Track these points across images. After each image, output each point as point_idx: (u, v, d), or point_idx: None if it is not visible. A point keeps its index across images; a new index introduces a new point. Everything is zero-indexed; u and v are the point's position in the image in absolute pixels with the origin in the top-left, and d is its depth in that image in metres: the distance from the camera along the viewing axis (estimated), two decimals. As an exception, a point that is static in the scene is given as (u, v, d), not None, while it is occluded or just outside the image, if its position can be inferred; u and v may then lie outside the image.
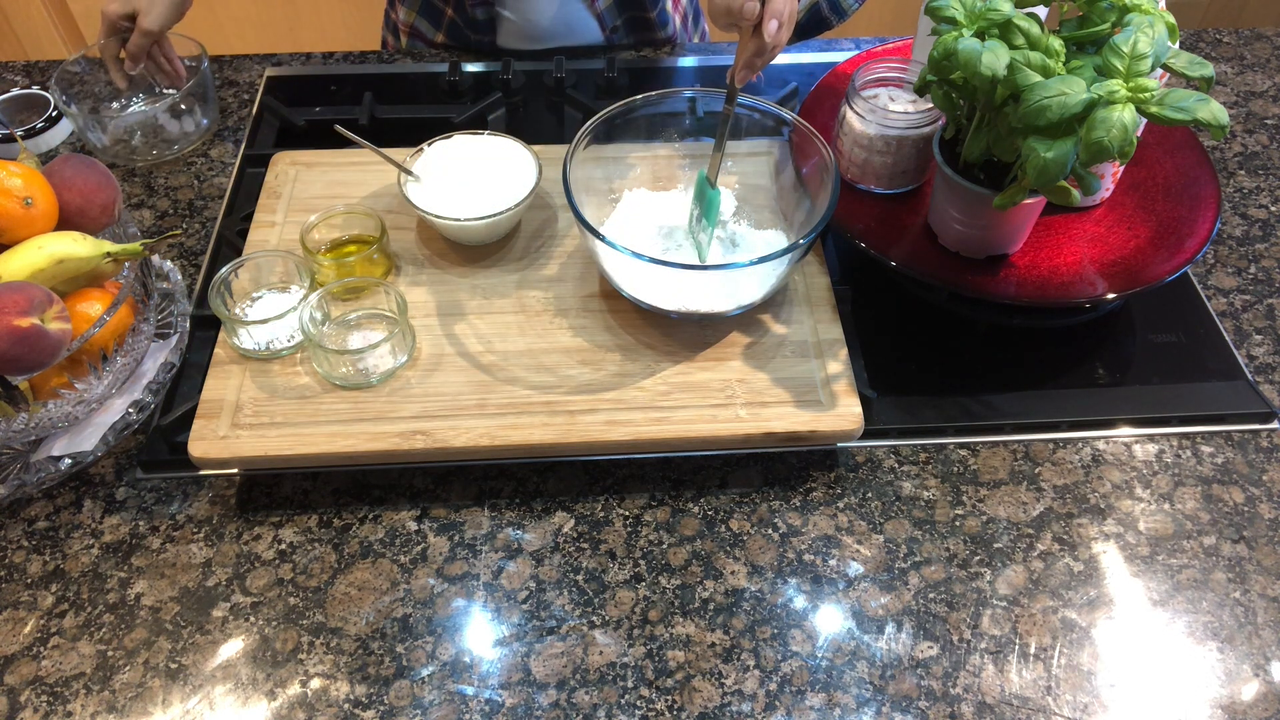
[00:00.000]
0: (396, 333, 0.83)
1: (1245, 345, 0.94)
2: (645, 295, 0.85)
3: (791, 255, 0.80)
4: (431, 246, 0.95)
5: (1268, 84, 1.25)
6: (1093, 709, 0.71)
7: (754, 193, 0.90)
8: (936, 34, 0.81)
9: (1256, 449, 0.87)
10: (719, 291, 0.84)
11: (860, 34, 1.93)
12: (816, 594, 0.77)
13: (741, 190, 0.96)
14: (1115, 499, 0.83)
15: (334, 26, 2.25)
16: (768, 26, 0.78)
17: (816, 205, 0.86)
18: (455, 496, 0.83)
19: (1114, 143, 0.70)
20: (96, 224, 0.85)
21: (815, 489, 0.84)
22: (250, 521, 0.81)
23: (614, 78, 1.18)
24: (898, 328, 0.94)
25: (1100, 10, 0.80)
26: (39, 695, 0.72)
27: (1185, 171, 0.98)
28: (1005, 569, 0.79)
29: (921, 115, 0.92)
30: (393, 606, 0.76)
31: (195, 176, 1.10)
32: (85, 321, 0.79)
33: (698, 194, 0.87)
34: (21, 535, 0.81)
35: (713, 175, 0.86)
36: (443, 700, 0.71)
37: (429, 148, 0.97)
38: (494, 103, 1.15)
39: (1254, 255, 1.03)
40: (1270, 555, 0.80)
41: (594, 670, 0.73)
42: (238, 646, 0.74)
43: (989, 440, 0.87)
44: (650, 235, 0.91)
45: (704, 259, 0.88)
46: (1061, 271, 0.90)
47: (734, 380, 0.84)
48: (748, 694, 0.72)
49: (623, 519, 0.81)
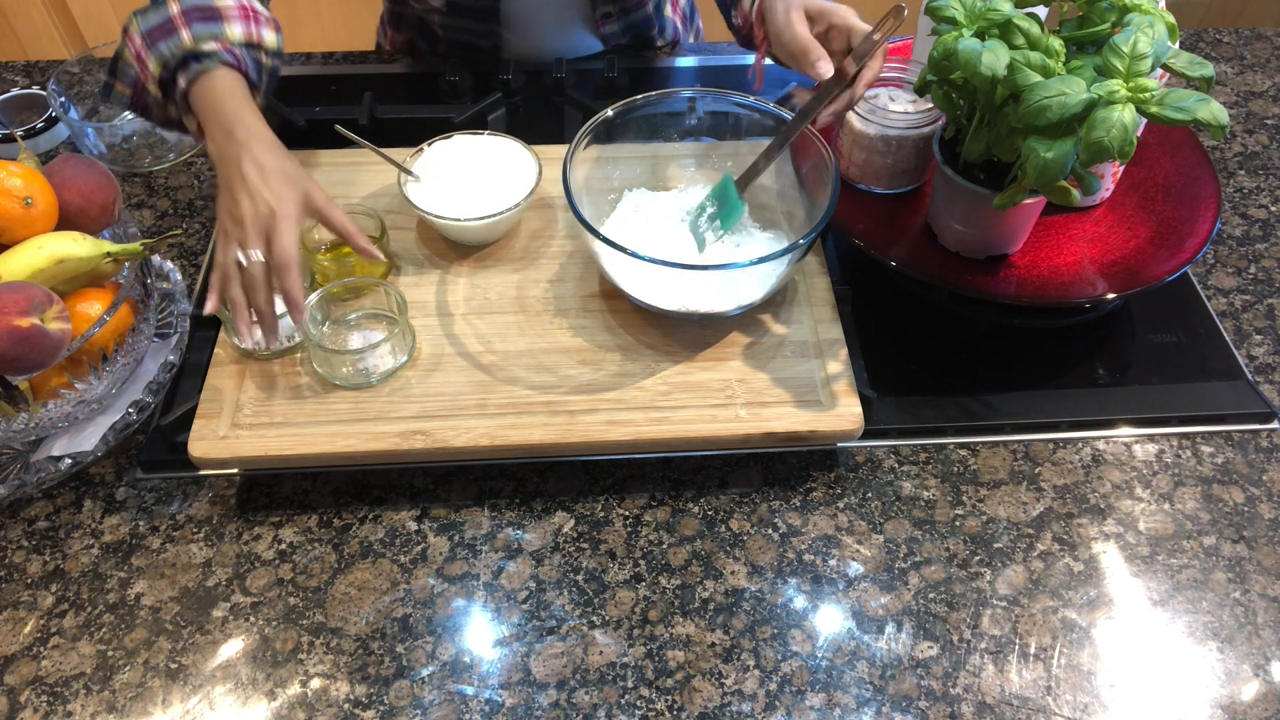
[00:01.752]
0: (396, 333, 0.83)
1: (1245, 345, 0.94)
2: (646, 295, 0.85)
3: (791, 255, 0.80)
4: (431, 246, 0.95)
5: (1268, 84, 1.25)
6: (1093, 709, 0.71)
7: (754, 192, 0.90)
8: (936, 34, 0.81)
9: (1256, 449, 0.87)
10: (719, 291, 0.84)
11: (860, 34, 1.93)
12: (816, 594, 0.77)
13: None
14: (1115, 499, 0.83)
15: (334, 26, 2.25)
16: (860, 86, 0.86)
17: (816, 205, 0.86)
18: (455, 496, 0.83)
19: (1114, 143, 0.70)
20: (96, 224, 0.85)
21: (815, 489, 0.84)
22: (250, 521, 0.81)
23: (614, 78, 1.18)
24: (898, 328, 0.94)
25: (1100, 10, 0.80)
26: (39, 695, 0.72)
27: (1185, 171, 0.98)
28: (1005, 569, 0.79)
29: (921, 115, 0.92)
30: (393, 606, 0.76)
31: (195, 176, 1.10)
32: (85, 321, 0.79)
33: (718, 193, 0.87)
34: (21, 535, 0.80)
35: (743, 185, 0.87)
36: (443, 700, 0.71)
37: (429, 148, 0.97)
38: (494, 103, 1.15)
39: (1254, 255, 1.03)
40: (1270, 555, 0.80)
41: (594, 670, 0.73)
42: (238, 646, 0.74)
43: (989, 440, 0.87)
44: (650, 235, 0.91)
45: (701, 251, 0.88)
46: (1061, 271, 0.90)
47: (734, 380, 0.84)
48: (748, 694, 0.72)
49: (623, 519, 0.81)
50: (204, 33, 0.86)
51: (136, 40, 0.87)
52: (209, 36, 0.86)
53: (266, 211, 0.78)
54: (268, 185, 0.79)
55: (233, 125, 0.82)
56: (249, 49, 0.89)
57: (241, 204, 0.78)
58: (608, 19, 1.20)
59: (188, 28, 0.86)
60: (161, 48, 0.86)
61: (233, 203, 0.79)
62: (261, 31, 0.91)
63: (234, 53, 0.86)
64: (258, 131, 0.82)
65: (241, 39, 0.88)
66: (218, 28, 0.87)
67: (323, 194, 0.83)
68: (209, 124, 0.84)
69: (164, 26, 0.86)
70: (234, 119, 0.83)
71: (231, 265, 0.78)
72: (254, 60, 0.89)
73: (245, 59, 0.87)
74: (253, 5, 0.91)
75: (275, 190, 0.79)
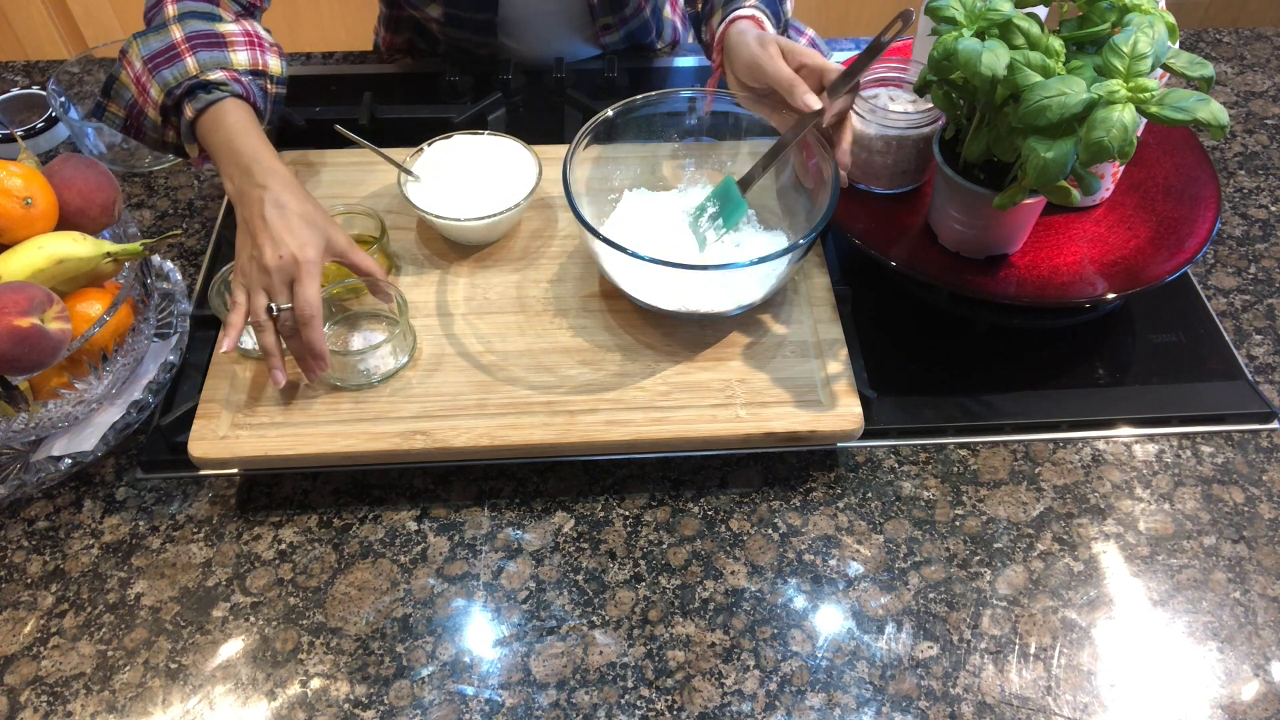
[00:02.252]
0: (397, 333, 0.83)
1: (1245, 345, 0.94)
2: (646, 295, 0.85)
3: (792, 255, 0.80)
4: (431, 246, 0.95)
5: (1268, 84, 1.25)
6: (1093, 709, 0.71)
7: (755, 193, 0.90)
8: (936, 34, 0.81)
9: (1256, 449, 0.87)
10: (719, 291, 0.84)
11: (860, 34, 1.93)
12: (816, 594, 0.77)
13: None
14: (1115, 499, 0.83)
15: (333, 27, 2.25)
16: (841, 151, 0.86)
17: (816, 205, 0.86)
18: (455, 496, 0.83)
19: (1114, 143, 0.70)
20: (96, 224, 0.85)
21: (815, 489, 0.84)
22: (250, 521, 0.81)
23: (614, 78, 1.17)
24: (898, 328, 0.94)
25: (1100, 10, 0.80)
26: (39, 695, 0.72)
27: (1185, 171, 0.98)
28: (1005, 569, 0.79)
29: (921, 115, 0.92)
30: (393, 606, 0.76)
31: (195, 176, 1.10)
32: (85, 321, 0.79)
33: (720, 194, 0.87)
34: (21, 535, 0.80)
35: (744, 188, 0.87)
36: (443, 700, 0.71)
37: (429, 148, 0.97)
38: (494, 103, 1.15)
39: (1254, 255, 1.03)
40: (1270, 555, 0.80)
41: (594, 670, 0.73)
42: (238, 646, 0.74)
43: (989, 440, 0.87)
44: (650, 235, 0.91)
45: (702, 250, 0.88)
46: (1061, 271, 0.90)
47: (734, 380, 0.84)
48: (748, 694, 0.72)
49: (623, 519, 0.81)
50: (209, 60, 0.85)
51: (136, 65, 0.86)
52: (215, 65, 0.85)
53: (290, 260, 0.77)
54: (290, 231, 0.78)
55: (249, 164, 0.81)
56: (255, 77, 0.88)
57: (265, 250, 0.77)
58: (608, 30, 1.20)
59: (193, 55, 0.85)
60: (165, 74, 0.84)
61: (255, 248, 0.78)
62: (267, 59, 0.90)
63: (242, 82, 0.86)
64: (276, 170, 0.81)
65: (248, 66, 0.88)
66: (223, 55, 0.86)
67: (344, 237, 0.82)
68: (222, 160, 0.83)
69: (167, 53, 0.85)
70: (250, 157, 0.81)
71: (262, 314, 0.77)
72: (260, 89, 0.89)
73: (252, 89, 0.87)
74: (256, 31, 0.90)
75: (298, 236, 0.78)
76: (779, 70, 0.86)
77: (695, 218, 0.89)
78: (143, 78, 0.85)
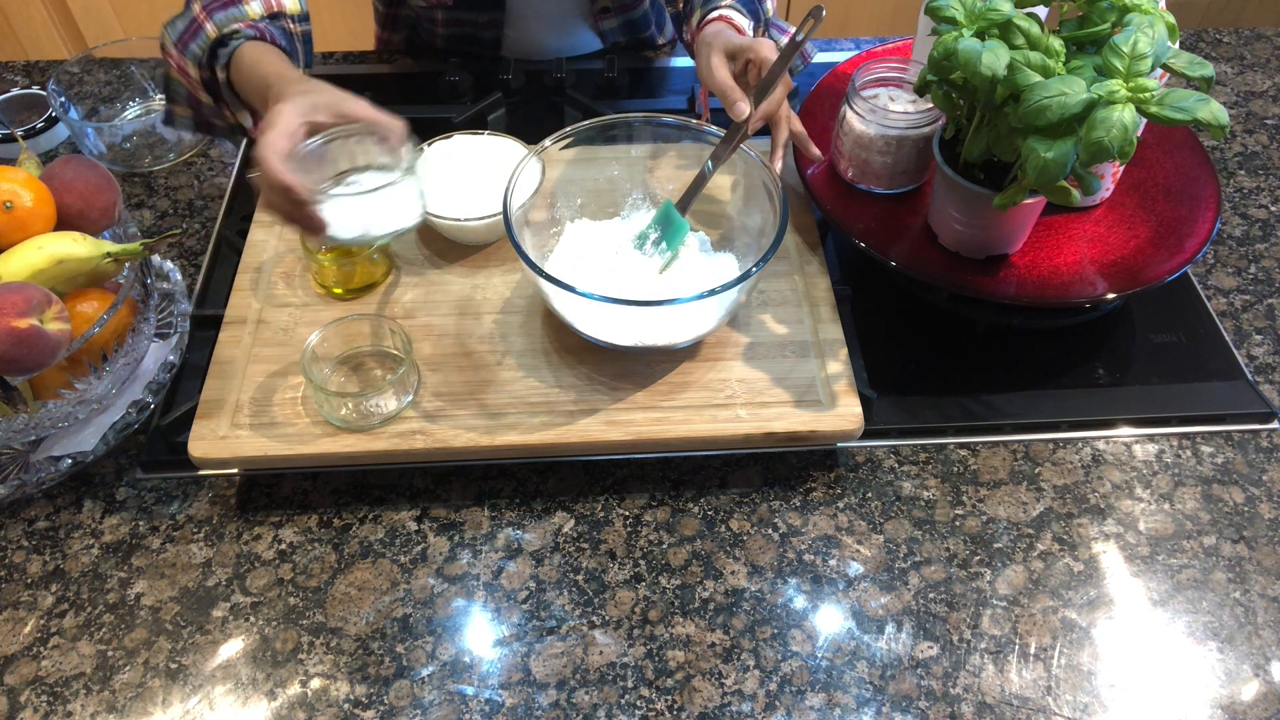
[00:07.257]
0: (402, 373, 0.80)
1: (1245, 345, 0.94)
2: (596, 332, 0.82)
3: (741, 285, 0.77)
4: (431, 246, 0.95)
5: (1268, 84, 1.25)
6: (1093, 709, 0.71)
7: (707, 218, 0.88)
8: (936, 34, 0.81)
9: (1256, 449, 0.87)
10: (672, 324, 0.81)
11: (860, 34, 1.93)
12: (816, 594, 0.77)
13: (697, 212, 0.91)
14: (1115, 499, 0.83)
15: (334, 26, 2.25)
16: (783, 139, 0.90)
17: (766, 230, 0.83)
18: (455, 496, 0.83)
19: (1114, 143, 0.70)
20: (97, 227, 0.85)
21: (815, 489, 0.84)
22: (250, 521, 0.81)
23: (614, 78, 1.17)
24: (898, 328, 0.94)
25: (1100, 10, 0.80)
26: (39, 695, 0.72)
27: (1185, 171, 0.98)
28: (1005, 569, 0.79)
29: (921, 115, 0.92)
30: (393, 606, 0.76)
31: (195, 176, 1.10)
32: (85, 321, 0.79)
33: (660, 219, 0.86)
34: (21, 535, 0.81)
35: (683, 206, 0.86)
36: (443, 700, 0.71)
37: (429, 148, 0.97)
38: (494, 103, 1.15)
39: (1254, 255, 1.03)
40: (1270, 555, 0.80)
41: (594, 670, 0.73)
42: (238, 646, 0.74)
43: (989, 440, 0.87)
44: (596, 267, 0.87)
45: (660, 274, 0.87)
46: (1061, 271, 0.90)
47: (734, 380, 0.84)
48: (748, 694, 0.72)
49: (623, 519, 0.81)
50: (225, 19, 0.86)
51: (173, 53, 0.87)
52: (231, 21, 0.86)
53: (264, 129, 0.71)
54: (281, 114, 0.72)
55: (268, 83, 0.78)
56: (272, 20, 0.88)
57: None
58: (606, 14, 1.20)
59: (210, 20, 0.85)
60: (193, 48, 0.85)
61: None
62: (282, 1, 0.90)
63: (257, 27, 0.85)
64: (290, 75, 0.79)
65: (262, 12, 0.88)
66: (238, 10, 0.87)
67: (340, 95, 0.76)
68: (252, 99, 0.81)
69: (190, 28, 0.86)
70: (268, 79, 0.78)
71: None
72: (280, 29, 0.88)
73: (270, 31, 0.86)
74: None
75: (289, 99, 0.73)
76: (713, 80, 0.86)
77: (639, 245, 0.88)
78: (181, 63, 0.86)
